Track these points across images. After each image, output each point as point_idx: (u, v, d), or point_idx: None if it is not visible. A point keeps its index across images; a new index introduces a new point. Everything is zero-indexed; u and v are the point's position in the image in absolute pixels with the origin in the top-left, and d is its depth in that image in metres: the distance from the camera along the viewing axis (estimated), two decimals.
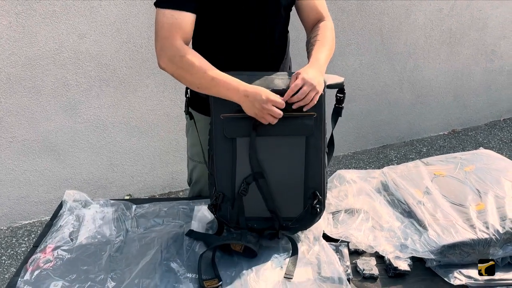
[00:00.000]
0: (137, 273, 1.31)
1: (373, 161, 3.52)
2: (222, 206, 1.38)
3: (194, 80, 1.32)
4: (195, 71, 1.31)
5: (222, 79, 1.30)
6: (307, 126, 1.34)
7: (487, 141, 3.80)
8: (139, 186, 3.05)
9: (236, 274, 1.29)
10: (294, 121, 1.33)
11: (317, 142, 1.35)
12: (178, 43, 1.32)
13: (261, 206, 1.37)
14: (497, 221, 1.34)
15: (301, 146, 1.35)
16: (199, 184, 1.74)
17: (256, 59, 1.50)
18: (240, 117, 1.33)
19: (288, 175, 1.35)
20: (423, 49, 3.56)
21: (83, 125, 2.75)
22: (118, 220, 1.55)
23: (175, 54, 1.31)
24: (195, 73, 1.31)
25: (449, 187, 1.52)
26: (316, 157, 1.36)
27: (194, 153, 1.68)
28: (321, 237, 1.42)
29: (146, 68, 2.78)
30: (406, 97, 3.68)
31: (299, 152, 1.35)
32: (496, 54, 3.87)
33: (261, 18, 1.46)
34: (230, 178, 1.36)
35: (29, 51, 2.51)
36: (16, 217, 2.79)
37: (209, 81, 1.30)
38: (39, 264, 1.35)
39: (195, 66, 1.30)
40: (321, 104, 1.34)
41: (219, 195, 1.37)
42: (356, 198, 1.59)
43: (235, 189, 1.36)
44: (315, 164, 1.36)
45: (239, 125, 1.33)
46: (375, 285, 1.29)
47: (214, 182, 1.38)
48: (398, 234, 1.41)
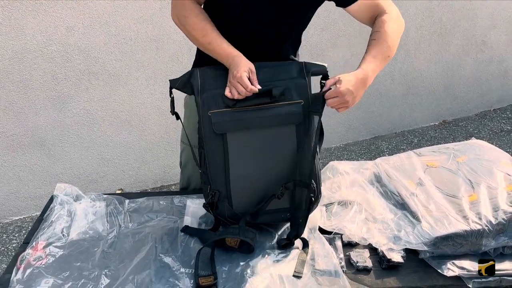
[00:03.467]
0: (131, 269, 1.29)
1: (365, 152, 3.53)
2: (219, 204, 1.37)
3: (194, 40, 1.41)
4: (195, 33, 1.39)
5: (217, 44, 1.36)
6: (296, 114, 1.34)
7: (477, 131, 3.83)
8: (131, 180, 3.03)
9: (232, 269, 1.29)
10: (282, 111, 1.33)
11: (307, 130, 1.35)
12: (187, 2, 1.39)
13: (257, 200, 1.36)
14: (489, 212, 1.34)
15: (291, 135, 1.35)
16: (187, 169, 1.74)
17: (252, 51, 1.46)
18: (228, 112, 1.32)
19: (281, 164, 1.35)
20: (414, 40, 3.57)
21: (72, 119, 2.72)
22: (111, 215, 1.53)
23: (181, 12, 1.39)
24: (195, 34, 1.39)
25: (441, 178, 1.52)
26: (307, 144, 1.35)
27: (183, 135, 1.68)
28: (317, 229, 1.42)
29: (135, 61, 2.75)
30: (397, 89, 3.68)
31: (291, 140, 1.35)
32: (486, 45, 3.88)
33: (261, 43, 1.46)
34: (224, 175, 1.35)
35: (16, 45, 2.46)
36: (6, 213, 2.76)
37: (206, 44, 1.38)
38: (30, 261, 1.33)
39: (196, 28, 1.38)
40: (306, 91, 1.36)
41: (215, 193, 1.35)
42: (349, 190, 1.58)
43: (230, 185, 1.35)
44: (307, 152, 1.36)
45: (227, 119, 1.33)
46: (368, 277, 1.29)
47: (208, 180, 1.37)
48: (391, 226, 1.41)
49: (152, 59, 2.78)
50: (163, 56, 2.80)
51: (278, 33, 1.48)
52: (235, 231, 1.33)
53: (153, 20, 2.71)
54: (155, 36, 2.74)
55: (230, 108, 1.32)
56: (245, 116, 1.32)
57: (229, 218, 1.37)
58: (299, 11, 1.46)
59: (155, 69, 2.82)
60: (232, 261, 1.32)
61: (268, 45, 1.49)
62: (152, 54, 2.77)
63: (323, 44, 3.25)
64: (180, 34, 2.75)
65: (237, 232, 1.32)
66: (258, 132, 1.34)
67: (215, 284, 1.23)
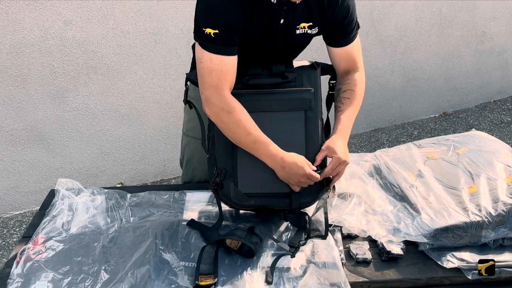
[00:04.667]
0: (131, 264, 1.29)
1: (365, 145, 3.52)
2: (224, 183, 1.38)
3: (235, 137, 1.35)
4: (239, 130, 1.33)
5: (263, 144, 1.33)
6: (306, 100, 1.39)
7: (477, 123, 3.82)
8: (131, 174, 3.02)
9: (232, 269, 1.27)
10: (293, 96, 1.39)
11: (315, 116, 1.40)
12: (226, 94, 1.32)
13: (263, 181, 1.38)
14: (489, 203, 1.34)
15: (300, 121, 1.39)
16: (192, 163, 1.73)
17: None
18: (240, 93, 1.36)
19: (289, 150, 1.36)
20: (414, 32, 3.55)
21: (71, 113, 2.71)
22: (112, 210, 1.52)
23: (223, 108, 1.32)
24: (238, 132, 1.33)
25: (441, 170, 1.52)
26: (315, 131, 1.40)
27: (190, 128, 1.68)
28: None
29: (133, 54, 2.73)
30: (397, 81, 3.67)
31: (299, 126, 1.38)
32: (486, 36, 3.86)
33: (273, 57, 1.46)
34: (232, 154, 1.38)
35: (13, 39, 2.45)
36: (6, 207, 2.76)
37: (250, 143, 1.33)
38: (30, 255, 1.33)
39: (240, 126, 1.32)
40: (316, 80, 1.42)
41: (221, 171, 1.37)
42: (349, 182, 1.58)
43: (236, 165, 1.37)
44: (315, 138, 1.40)
45: (239, 101, 1.35)
46: (368, 269, 1.29)
47: (215, 161, 1.39)
48: (391, 218, 1.41)
49: (150, 52, 2.77)
50: (162, 50, 2.79)
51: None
52: (240, 234, 1.30)
53: (151, 13, 2.69)
54: (153, 29, 2.72)
55: (242, 90, 1.36)
56: (256, 99, 1.38)
57: (234, 200, 1.38)
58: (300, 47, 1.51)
59: (154, 63, 2.80)
60: (233, 261, 1.30)
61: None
62: (151, 48, 2.76)
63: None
64: (178, 27, 2.76)
65: (242, 236, 1.30)
66: (267, 115, 1.38)
67: (214, 284, 1.21)
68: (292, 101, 1.39)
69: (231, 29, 1.28)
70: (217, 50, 1.29)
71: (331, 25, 1.41)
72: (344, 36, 1.45)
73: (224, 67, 1.30)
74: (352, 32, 1.46)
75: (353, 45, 1.48)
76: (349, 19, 1.42)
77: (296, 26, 1.38)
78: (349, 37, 1.46)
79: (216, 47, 1.28)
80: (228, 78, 1.32)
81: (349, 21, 1.42)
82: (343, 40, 1.46)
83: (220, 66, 1.29)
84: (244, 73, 1.39)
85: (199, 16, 1.30)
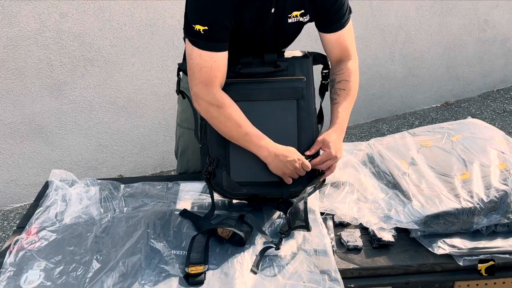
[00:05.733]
0: (122, 254, 1.29)
1: (365, 135, 3.50)
2: (217, 172, 1.38)
3: (227, 131, 1.34)
4: (230, 124, 1.32)
5: (255, 136, 1.32)
6: (298, 89, 1.38)
7: (480, 112, 3.78)
8: (130, 166, 3.03)
9: (222, 258, 1.27)
10: (285, 85, 1.38)
11: (308, 105, 1.39)
12: (216, 90, 1.32)
13: (255, 170, 1.37)
14: (481, 190, 1.33)
15: (292, 110, 1.38)
16: (186, 154, 1.73)
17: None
18: (231, 82, 1.36)
19: (281, 139, 1.36)
20: (415, 20, 3.51)
21: (69, 106, 2.72)
22: (105, 200, 1.53)
23: (213, 103, 1.31)
24: (229, 126, 1.33)
25: (435, 157, 1.51)
26: (308, 120, 1.39)
27: (183, 119, 1.68)
28: (316, 212, 1.41)
29: (130, 46, 2.73)
30: (398, 70, 3.64)
31: (291, 115, 1.38)
32: (488, 24, 3.81)
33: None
34: (224, 144, 1.37)
35: (10, 32, 2.45)
36: (6, 200, 2.78)
37: (242, 136, 1.33)
38: (23, 245, 1.34)
39: (231, 120, 1.32)
40: (308, 69, 1.41)
41: (213, 160, 1.38)
42: (342, 171, 1.58)
43: (228, 154, 1.37)
44: (307, 127, 1.39)
45: (231, 89, 1.35)
46: (359, 256, 1.29)
47: (208, 150, 1.39)
48: (382, 206, 1.40)
49: (147, 44, 2.76)
50: (159, 41, 2.78)
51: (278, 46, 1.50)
52: (231, 223, 1.31)
53: (147, 4, 2.68)
54: (150, 21, 2.71)
55: (234, 78, 1.36)
56: (248, 87, 1.37)
57: (226, 189, 1.38)
58: (292, 36, 1.49)
59: (151, 54, 2.80)
60: (224, 249, 1.30)
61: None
62: (148, 39, 2.75)
63: None
64: (175, 18, 2.75)
65: (232, 224, 1.30)
66: (259, 104, 1.38)
67: (204, 273, 1.21)
68: (284, 90, 1.38)
69: (221, 25, 1.28)
70: (207, 46, 1.28)
71: (322, 10, 1.40)
72: (336, 21, 1.43)
73: (215, 64, 1.30)
74: (344, 17, 1.44)
75: (345, 31, 1.46)
76: (339, 3, 1.40)
77: (288, 14, 1.37)
78: (341, 22, 1.44)
79: (206, 43, 1.28)
80: (218, 74, 1.31)
81: (340, 5, 1.40)
82: (335, 25, 1.44)
83: (210, 63, 1.29)
84: (236, 62, 1.38)
85: (188, 13, 1.29)
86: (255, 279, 1.20)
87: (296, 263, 1.24)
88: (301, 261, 1.24)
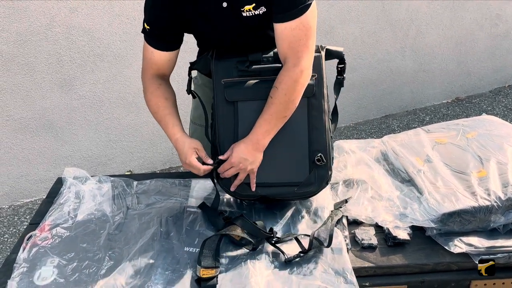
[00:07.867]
0: (135, 251, 1.29)
1: (375, 131, 3.48)
2: None
3: (152, 114, 1.47)
4: (149, 107, 1.46)
5: (165, 124, 1.43)
6: (309, 87, 1.34)
7: (491, 108, 3.74)
8: (139, 162, 3.03)
9: (235, 256, 1.26)
10: None
11: (319, 103, 1.36)
12: (148, 78, 1.45)
13: (264, 171, 1.35)
14: (499, 187, 1.31)
15: (303, 108, 1.35)
16: None
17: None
18: (240, 81, 1.35)
19: (292, 137, 1.34)
20: (426, 15, 3.47)
21: (79, 101, 2.72)
22: (118, 197, 1.53)
23: (143, 86, 1.48)
24: (149, 108, 1.47)
25: (450, 154, 1.49)
26: (319, 119, 1.36)
27: (196, 115, 1.69)
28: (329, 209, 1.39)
29: (140, 41, 2.67)
30: (408, 65, 3.60)
31: (302, 113, 1.35)
32: (501, 18, 3.76)
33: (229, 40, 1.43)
34: (233, 142, 1.35)
35: (20, 27, 2.45)
36: (17, 195, 2.80)
37: (158, 120, 1.46)
38: (36, 241, 1.34)
39: (150, 104, 1.45)
40: (320, 65, 1.37)
41: (222, 160, 1.35)
42: (355, 168, 1.56)
43: None
44: (319, 126, 1.36)
45: (240, 88, 1.34)
46: (374, 255, 1.27)
47: (217, 149, 1.38)
48: (397, 204, 1.38)
49: None
50: None
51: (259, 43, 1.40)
52: (243, 224, 1.27)
53: None
54: None
55: (244, 77, 1.35)
56: (257, 86, 1.35)
57: (235, 190, 1.37)
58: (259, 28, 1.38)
59: None
60: (236, 249, 1.29)
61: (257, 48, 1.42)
62: None
63: (332, 20, 3.17)
64: None
65: (244, 226, 1.27)
66: None
67: (216, 277, 1.19)
68: None
69: (158, 26, 1.39)
70: (149, 42, 1.43)
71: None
72: (285, 9, 1.25)
73: (153, 58, 1.43)
74: (295, 7, 1.25)
75: (297, 24, 1.26)
76: None
77: (241, 9, 1.30)
78: (291, 12, 1.25)
79: (149, 39, 1.43)
80: (153, 67, 1.44)
81: None
82: (284, 14, 1.26)
83: (150, 56, 1.43)
84: (244, 59, 1.36)
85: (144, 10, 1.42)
86: (268, 279, 1.19)
87: (311, 263, 1.23)
88: (315, 261, 1.23)
